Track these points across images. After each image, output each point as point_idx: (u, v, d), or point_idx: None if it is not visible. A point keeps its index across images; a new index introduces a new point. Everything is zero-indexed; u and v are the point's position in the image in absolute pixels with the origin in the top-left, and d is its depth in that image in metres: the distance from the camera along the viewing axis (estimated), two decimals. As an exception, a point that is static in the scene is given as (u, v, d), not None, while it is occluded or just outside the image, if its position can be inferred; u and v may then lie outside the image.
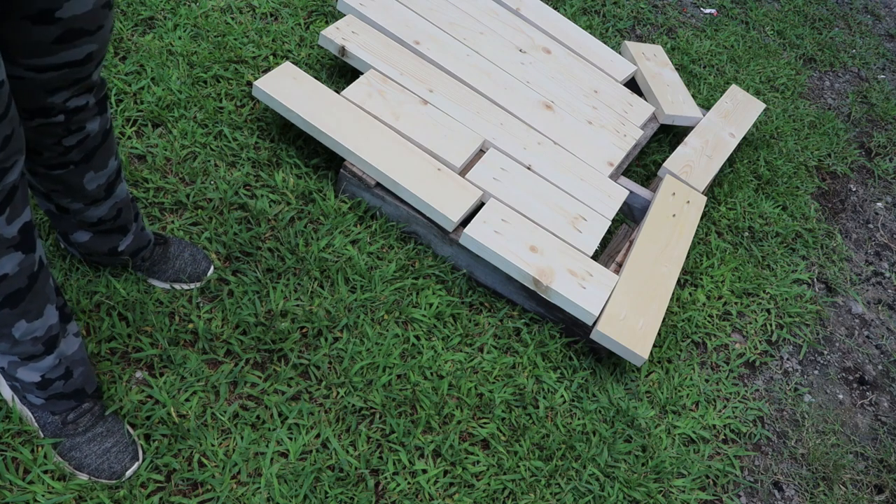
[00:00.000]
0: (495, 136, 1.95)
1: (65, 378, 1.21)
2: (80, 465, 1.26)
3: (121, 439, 1.29)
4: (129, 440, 1.30)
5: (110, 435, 1.28)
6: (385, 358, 1.58)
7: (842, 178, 2.66)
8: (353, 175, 1.77)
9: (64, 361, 1.19)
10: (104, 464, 1.26)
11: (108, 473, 1.26)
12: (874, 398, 2.00)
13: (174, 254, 1.53)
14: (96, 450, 1.26)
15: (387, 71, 1.97)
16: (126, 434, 1.30)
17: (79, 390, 1.25)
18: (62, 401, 1.24)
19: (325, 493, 1.37)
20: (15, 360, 1.15)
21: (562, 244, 1.78)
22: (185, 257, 1.54)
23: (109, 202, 1.32)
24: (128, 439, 1.30)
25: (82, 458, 1.26)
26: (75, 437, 1.26)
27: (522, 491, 1.49)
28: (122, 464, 1.27)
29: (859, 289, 2.27)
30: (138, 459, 1.30)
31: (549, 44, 2.34)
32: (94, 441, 1.26)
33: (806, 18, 3.41)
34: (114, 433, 1.28)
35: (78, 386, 1.24)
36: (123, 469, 1.27)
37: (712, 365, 1.89)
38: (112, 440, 1.28)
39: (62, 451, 1.26)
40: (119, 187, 1.32)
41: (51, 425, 1.26)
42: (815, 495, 1.73)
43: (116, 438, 1.28)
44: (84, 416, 1.27)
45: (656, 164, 2.34)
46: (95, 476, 1.26)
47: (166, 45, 2.01)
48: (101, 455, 1.26)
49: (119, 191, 1.33)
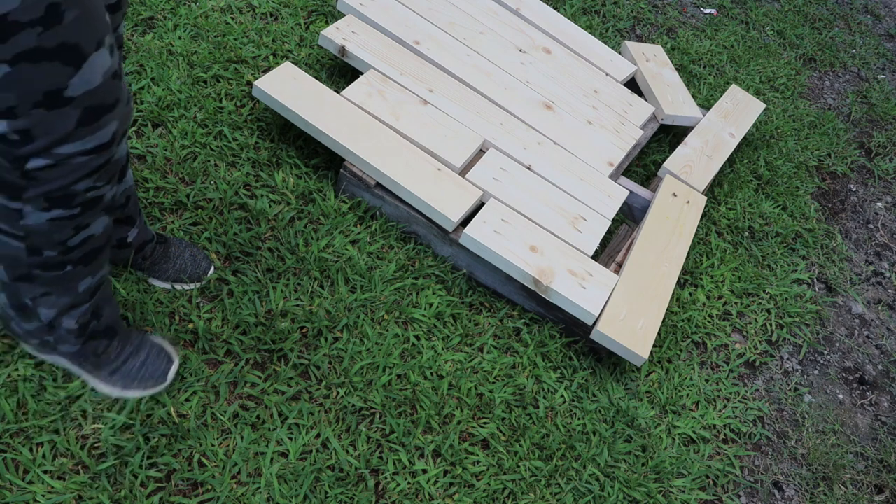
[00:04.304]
0: (495, 136, 1.95)
1: (97, 318, 1.27)
2: (127, 385, 1.34)
3: (152, 349, 1.37)
4: (159, 347, 1.39)
5: (142, 348, 1.36)
6: (385, 358, 1.58)
7: (842, 178, 2.66)
8: (353, 175, 1.77)
9: (92, 307, 1.25)
10: (146, 374, 1.35)
11: (152, 382, 1.36)
12: (874, 398, 2.00)
13: (174, 253, 1.53)
14: (133, 366, 1.34)
15: (387, 71, 1.97)
16: (154, 343, 1.39)
17: (109, 326, 1.32)
18: (97, 340, 1.30)
19: (325, 493, 1.37)
20: (63, 311, 1.20)
21: (562, 244, 1.78)
22: (186, 257, 1.54)
23: (122, 186, 1.34)
24: (158, 347, 1.38)
25: (124, 378, 1.34)
26: (112, 364, 1.33)
27: (522, 491, 1.49)
28: (162, 368, 1.37)
29: (859, 289, 2.27)
30: (174, 360, 1.39)
31: (549, 44, 2.34)
32: (130, 359, 1.34)
33: (806, 18, 3.41)
34: (144, 345, 1.37)
35: (109, 323, 1.31)
36: (164, 373, 1.37)
37: (712, 365, 1.89)
38: (144, 352, 1.36)
39: (104, 379, 1.33)
40: (128, 173, 1.34)
41: (87, 362, 1.32)
42: (815, 495, 1.73)
43: (147, 349, 1.37)
44: (113, 344, 1.34)
45: (656, 164, 2.34)
46: (142, 388, 1.35)
47: (166, 45, 2.01)
48: (140, 369, 1.35)
49: (129, 176, 1.35)
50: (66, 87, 0.88)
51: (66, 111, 0.90)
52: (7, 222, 1.03)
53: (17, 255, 1.08)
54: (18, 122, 0.88)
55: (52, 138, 0.91)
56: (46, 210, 1.00)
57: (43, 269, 1.10)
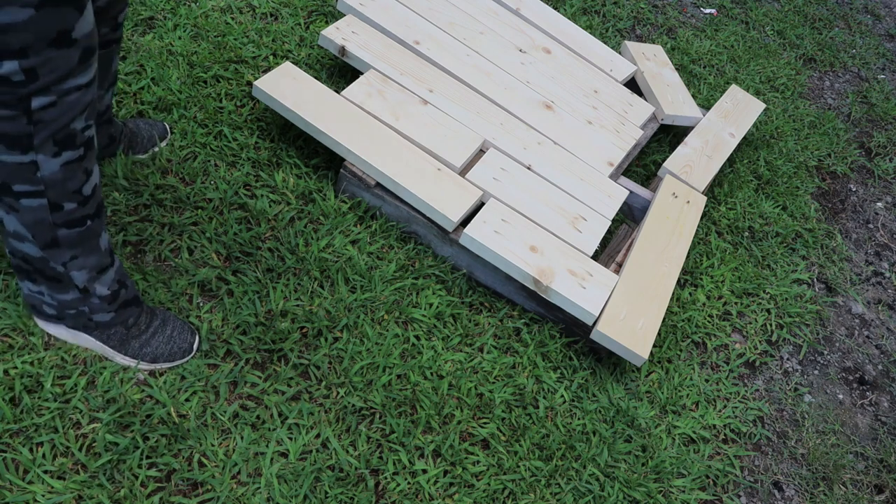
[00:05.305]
0: (495, 135, 1.95)
1: (123, 287, 1.35)
2: (155, 357, 1.41)
3: (176, 323, 1.45)
4: (182, 321, 1.46)
5: (167, 322, 1.44)
6: (385, 358, 1.58)
7: (842, 178, 2.66)
8: (353, 175, 1.77)
9: (117, 275, 1.34)
10: (173, 347, 1.43)
11: (179, 354, 1.43)
12: (874, 398, 2.00)
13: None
14: (161, 339, 1.42)
15: (387, 71, 1.97)
16: (177, 318, 1.46)
17: (136, 296, 1.40)
18: (128, 308, 1.38)
19: (325, 493, 1.37)
20: (94, 276, 1.28)
21: (562, 244, 1.78)
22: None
23: (109, 94, 1.51)
24: (181, 321, 1.46)
25: (154, 350, 1.41)
26: (141, 335, 1.40)
27: (522, 491, 1.49)
28: (188, 342, 1.45)
29: (859, 289, 2.27)
30: (197, 333, 1.47)
31: (549, 44, 2.34)
32: (157, 333, 1.42)
33: (806, 18, 3.41)
34: (168, 320, 1.44)
35: (134, 293, 1.39)
36: (190, 345, 1.45)
37: (712, 365, 1.89)
38: (170, 326, 1.43)
39: (134, 352, 1.40)
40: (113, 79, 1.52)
41: (115, 336, 1.38)
42: (815, 495, 1.73)
43: (173, 323, 1.44)
44: (142, 316, 1.41)
45: (656, 164, 2.34)
46: (170, 360, 1.42)
47: (166, 45, 2.01)
48: (167, 342, 1.42)
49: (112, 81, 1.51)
50: (73, 29, 1.00)
51: (71, 51, 1.01)
52: (26, 181, 1.11)
53: (42, 217, 1.16)
54: (29, 61, 0.98)
55: (56, 76, 1.01)
56: (57, 155, 1.10)
57: (67, 226, 1.19)
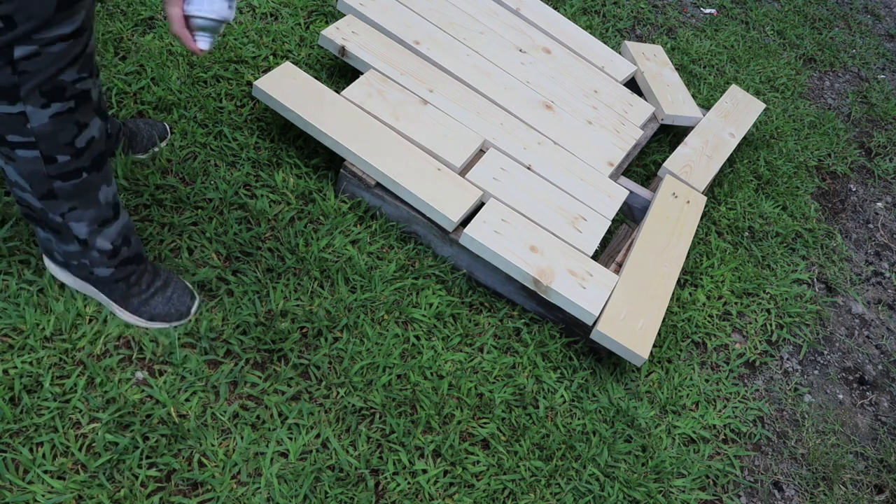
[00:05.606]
0: (495, 136, 1.95)
1: (126, 244, 1.36)
2: (153, 316, 1.44)
3: (177, 285, 1.48)
4: (183, 284, 1.49)
5: (169, 283, 1.46)
6: (385, 358, 1.58)
7: (842, 178, 2.66)
8: (353, 175, 1.77)
9: (122, 230, 1.34)
10: (172, 308, 1.45)
11: (176, 315, 1.46)
12: (874, 398, 2.00)
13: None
14: (161, 299, 1.45)
15: (387, 71, 1.97)
16: (179, 280, 1.49)
17: (138, 254, 1.41)
18: (129, 265, 1.39)
19: (325, 493, 1.37)
20: (95, 228, 1.29)
21: (562, 244, 1.78)
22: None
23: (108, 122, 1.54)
24: (182, 284, 1.49)
25: (152, 309, 1.44)
26: (142, 294, 1.42)
27: (522, 491, 1.49)
28: (186, 305, 1.47)
29: (859, 289, 2.27)
30: (196, 298, 1.50)
31: (549, 44, 2.34)
32: (158, 293, 1.44)
33: (806, 18, 3.41)
34: (171, 281, 1.47)
35: (137, 250, 1.40)
36: (188, 309, 1.48)
37: (712, 365, 1.89)
38: (171, 288, 1.46)
39: (134, 309, 1.43)
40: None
41: (117, 291, 1.40)
42: (815, 495, 1.73)
43: (174, 285, 1.47)
44: (144, 275, 1.43)
45: (656, 164, 2.34)
46: (167, 320, 1.45)
47: (166, 45, 2.01)
48: (166, 303, 1.45)
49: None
50: None
51: None
52: (17, 132, 1.11)
53: (37, 168, 1.16)
54: (3, 7, 0.96)
55: (34, 24, 1.00)
56: (46, 107, 1.09)
57: (62, 178, 1.19)
